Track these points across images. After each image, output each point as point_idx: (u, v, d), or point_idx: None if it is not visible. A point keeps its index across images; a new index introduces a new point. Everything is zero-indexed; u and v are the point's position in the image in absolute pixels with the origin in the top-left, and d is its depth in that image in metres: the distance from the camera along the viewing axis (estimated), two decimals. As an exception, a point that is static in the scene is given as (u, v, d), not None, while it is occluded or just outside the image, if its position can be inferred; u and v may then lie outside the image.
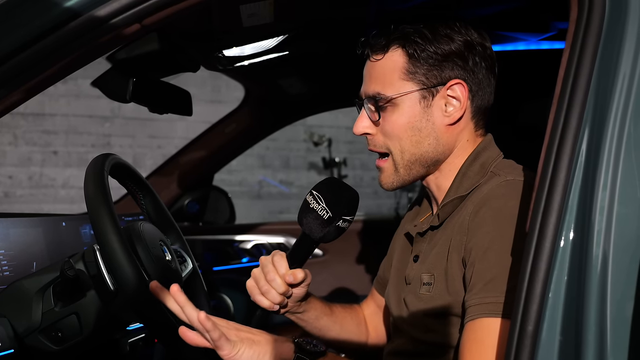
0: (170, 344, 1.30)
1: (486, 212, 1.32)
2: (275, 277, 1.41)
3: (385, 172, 1.50)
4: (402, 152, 1.46)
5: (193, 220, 2.99)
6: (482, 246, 1.29)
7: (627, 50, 1.05)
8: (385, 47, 1.46)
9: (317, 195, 1.40)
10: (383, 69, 1.46)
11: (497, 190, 1.35)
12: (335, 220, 1.38)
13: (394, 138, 1.46)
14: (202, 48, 1.98)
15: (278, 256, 1.44)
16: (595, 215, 1.01)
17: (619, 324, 0.98)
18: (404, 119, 1.45)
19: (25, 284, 1.36)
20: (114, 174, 1.43)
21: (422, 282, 1.45)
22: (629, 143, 1.02)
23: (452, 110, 1.45)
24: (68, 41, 1.19)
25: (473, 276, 1.28)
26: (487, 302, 1.23)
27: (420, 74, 1.43)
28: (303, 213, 1.41)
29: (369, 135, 1.51)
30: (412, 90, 1.44)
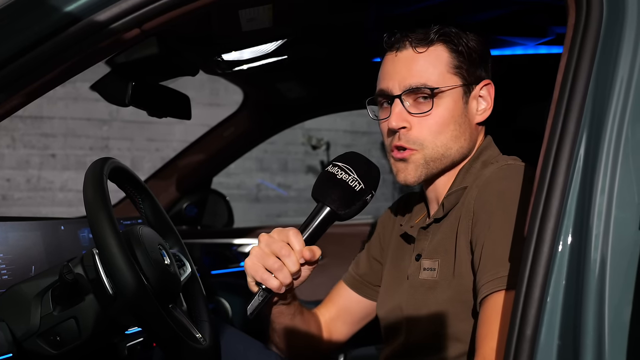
0: (169, 348, 1.30)
1: (489, 193, 1.34)
2: (290, 253, 1.31)
3: (412, 164, 1.46)
4: (438, 145, 1.44)
5: (191, 224, 2.99)
6: (488, 226, 1.30)
7: (624, 55, 1.06)
8: (430, 40, 1.44)
9: (344, 166, 1.33)
10: (428, 62, 1.44)
11: (499, 173, 1.37)
12: (365, 192, 1.33)
13: (433, 132, 1.44)
14: (201, 52, 1.98)
15: (293, 231, 1.33)
16: (593, 219, 1.01)
17: (617, 329, 0.99)
18: (449, 112, 1.44)
19: (23, 287, 1.36)
20: (113, 177, 1.43)
21: (422, 267, 1.45)
22: (626, 147, 1.03)
23: (482, 110, 1.49)
24: (68, 46, 1.19)
25: (482, 255, 1.28)
26: (501, 276, 1.22)
27: (464, 69, 1.45)
28: (327, 185, 1.34)
29: (403, 130, 1.45)
30: (458, 85, 1.45)
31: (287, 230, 1.34)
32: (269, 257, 1.32)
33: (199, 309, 1.56)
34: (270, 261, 1.31)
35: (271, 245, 1.33)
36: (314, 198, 1.36)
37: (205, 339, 1.45)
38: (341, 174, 1.33)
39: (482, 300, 1.26)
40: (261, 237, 1.36)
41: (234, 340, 1.83)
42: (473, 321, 1.35)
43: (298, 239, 1.32)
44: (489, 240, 1.29)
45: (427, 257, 1.46)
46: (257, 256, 1.33)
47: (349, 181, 1.32)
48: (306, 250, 1.31)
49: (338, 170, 1.33)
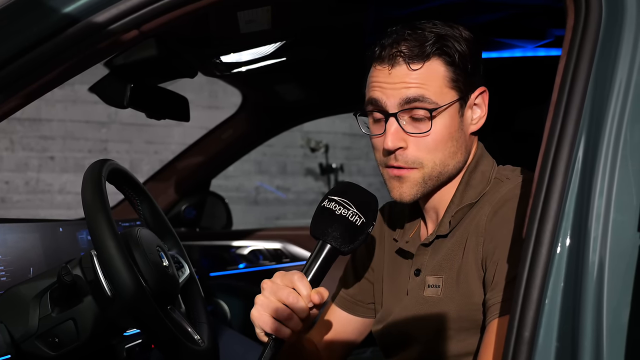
0: (167, 350, 1.30)
1: (506, 212, 1.31)
2: (298, 299, 1.20)
3: (408, 182, 1.40)
4: (437, 164, 1.39)
5: (190, 226, 2.99)
6: (505, 245, 1.26)
7: (623, 57, 1.06)
8: (426, 55, 1.36)
9: (342, 200, 1.27)
10: (425, 78, 1.36)
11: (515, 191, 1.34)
12: (367, 226, 1.27)
13: (432, 151, 1.38)
14: (200, 54, 1.98)
15: (298, 275, 1.23)
16: (592, 222, 1.01)
17: (615, 331, 0.98)
18: (446, 130, 1.38)
19: (22, 289, 1.36)
20: (112, 179, 1.43)
21: (427, 284, 1.41)
22: (625, 150, 1.03)
23: (477, 118, 1.43)
24: (66, 47, 1.19)
25: (496, 274, 1.26)
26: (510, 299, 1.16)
27: (460, 81, 1.38)
28: (326, 223, 1.26)
29: (399, 150, 1.38)
30: (455, 100, 1.38)
31: (290, 274, 1.24)
32: (277, 306, 1.22)
33: (197, 311, 1.56)
34: (280, 310, 1.21)
35: (277, 293, 1.22)
36: (313, 236, 1.28)
37: (204, 340, 1.45)
38: (340, 209, 1.27)
39: (490, 321, 1.25)
40: (264, 284, 1.25)
41: (232, 343, 1.83)
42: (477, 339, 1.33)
43: (304, 283, 1.22)
44: (503, 261, 1.25)
45: (431, 273, 1.42)
46: (264, 306, 1.23)
47: (349, 216, 1.26)
48: (314, 294, 1.22)
49: (335, 205, 1.27)
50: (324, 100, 2.81)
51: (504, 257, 1.26)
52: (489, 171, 1.45)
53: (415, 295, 1.45)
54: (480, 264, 1.33)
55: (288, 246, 2.95)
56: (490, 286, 1.28)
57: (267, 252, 2.94)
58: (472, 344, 1.35)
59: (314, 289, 1.22)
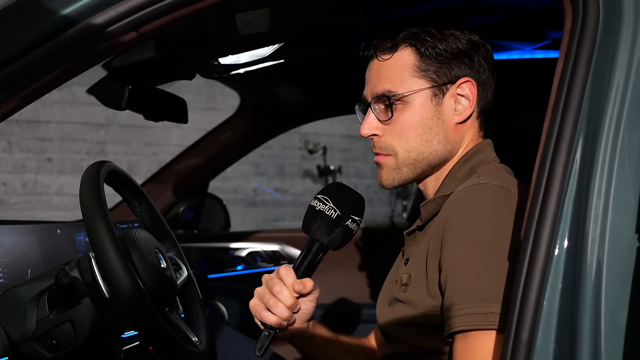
0: (165, 352, 1.29)
1: (457, 217, 1.31)
2: (282, 288, 1.36)
3: (385, 168, 1.48)
4: (409, 151, 1.45)
5: (188, 228, 2.99)
6: (454, 255, 1.27)
7: (620, 59, 1.06)
8: (394, 46, 1.45)
9: (322, 197, 1.39)
10: (392, 68, 1.45)
11: (469, 193, 1.33)
12: (343, 219, 1.37)
13: (403, 137, 1.45)
14: (198, 56, 1.98)
15: (284, 267, 1.39)
16: (590, 223, 1.01)
17: (613, 332, 0.99)
18: (416, 117, 1.44)
19: (19, 291, 1.36)
20: (110, 181, 1.43)
21: (401, 282, 1.44)
22: (622, 152, 1.03)
23: (462, 109, 1.45)
24: (65, 49, 1.19)
25: (447, 285, 1.26)
26: (463, 315, 1.19)
27: (431, 71, 1.43)
28: (309, 219, 1.39)
29: (375, 137, 1.48)
30: (424, 88, 1.43)
31: (279, 267, 1.40)
32: (265, 295, 1.38)
33: (195, 313, 1.56)
34: (266, 298, 1.37)
35: (268, 283, 1.39)
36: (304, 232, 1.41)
37: (202, 342, 1.45)
38: (319, 205, 1.38)
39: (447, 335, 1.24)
40: (263, 278, 1.42)
41: (232, 342, 1.84)
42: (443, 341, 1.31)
43: (288, 273, 1.38)
44: (453, 271, 1.25)
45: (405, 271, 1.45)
46: (257, 295, 1.40)
47: (325, 210, 1.37)
48: (296, 284, 1.36)
49: (317, 202, 1.39)
50: (322, 102, 2.81)
51: (454, 268, 1.25)
52: (479, 166, 1.45)
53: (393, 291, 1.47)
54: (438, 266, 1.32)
55: (286, 248, 2.95)
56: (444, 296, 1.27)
57: (265, 254, 2.94)
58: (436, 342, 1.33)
59: (298, 280, 1.37)
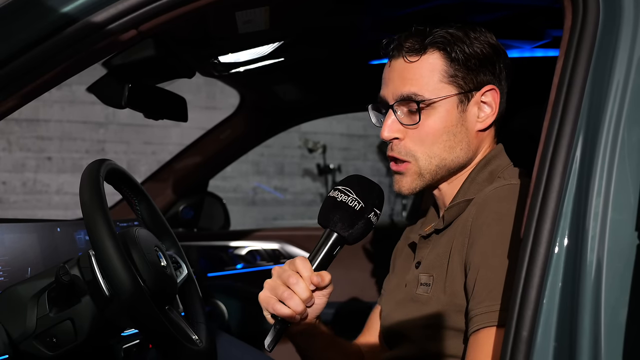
0: (165, 350, 1.30)
1: (488, 215, 1.31)
2: (298, 280, 1.30)
3: (407, 176, 1.44)
4: (431, 157, 1.42)
5: (188, 226, 2.99)
6: (485, 251, 1.27)
7: (620, 58, 1.06)
8: (422, 48, 1.41)
9: (344, 189, 1.34)
10: (420, 71, 1.41)
11: (499, 193, 1.34)
12: (367, 211, 1.33)
13: (425, 143, 1.41)
14: (198, 54, 1.98)
15: (300, 259, 1.33)
16: (590, 221, 1.01)
17: (613, 330, 0.99)
18: (441, 123, 1.41)
19: (19, 289, 1.36)
20: (110, 179, 1.43)
21: (420, 282, 1.43)
22: (622, 150, 1.03)
23: (484, 116, 1.44)
24: (65, 47, 1.19)
25: (477, 283, 1.26)
26: (494, 310, 1.20)
27: (459, 77, 1.41)
28: (328, 210, 1.34)
29: (395, 140, 1.44)
30: (452, 94, 1.41)
31: (295, 259, 1.34)
32: (279, 286, 1.31)
33: (195, 311, 1.56)
34: (280, 290, 1.31)
35: (281, 275, 1.33)
36: (320, 224, 1.36)
37: (202, 340, 1.45)
38: (341, 196, 1.34)
39: (473, 332, 1.24)
40: (273, 270, 1.36)
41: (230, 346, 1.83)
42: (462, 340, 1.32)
43: (305, 265, 1.32)
44: (484, 268, 1.26)
45: (424, 271, 1.44)
46: (269, 287, 1.34)
47: (348, 202, 1.32)
48: (314, 276, 1.31)
49: (338, 193, 1.34)
50: (321, 100, 2.81)
51: (484, 265, 1.26)
52: (499, 171, 1.45)
53: (409, 292, 1.46)
54: (464, 266, 1.33)
55: (286, 246, 2.95)
56: (471, 294, 1.28)
57: (264, 253, 2.94)
58: (456, 345, 1.34)
59: (316, 272, 1.32)
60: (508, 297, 1.17)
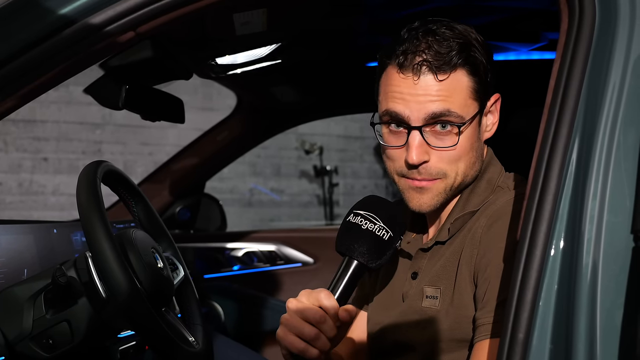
0: (162, 351, 1.30)
1: (500, 227, 1.28)
2: (325, 318, 1.18)
3: (430, 193, 1.36)
4: (457, 174, 1.35)
5: (184, 228, 2.99)
6: (498, 263, 1.24)
7: (616, 61, 1.06)
8: (453, 65, 1.29)
9: (367, 214, 1.24)
10: (450, 90, 1.30)
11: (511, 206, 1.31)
12: (395, 240, 1.25)
13: (455, 162, 1.34)
14: (195, 56, 1.98)
15: (325, 293, 1.21)
16: (586, 224, 1.02)
17: (609, 333, 0.99)
18: (468, 141, 1.34)
19: (16, 290, 1.35)
20: (107, 181, 1.43)
21: (425, 295, 1.39)
22: (618, 153, 1.03)
23: (490, 125, 1.41)
24: (63, 48, 1.19)
25: (487, 293, 1.24)
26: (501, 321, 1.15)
27: (482, 92, 1.34)
28: (352, 238, 1.24)
29: (424, 164, 1.33)
30: (478, 110, 1.34)
31: (317, 292, 1.22)
32: (303, 326, 1.20)
33: (192, 313, 1.56)
34: (306, 330, 1.19)
35: (303, 312, 1.20)
36: (339, 252, 1.26)
37: (199, 342, 1.45)
38: (366, 223, 1.24)
39: (479, 341, 1.23)
40: (289, 303, 1.23)
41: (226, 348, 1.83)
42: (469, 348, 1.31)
43: (331, 301, 1.20)
44: (497, 279, 1.23)
45: (429, 283, 1.39)
46: (290, 326, 1.21)
47: (375, 230, 1.23)
48: (342, 312, 1.20)
49: (362, 219, 1.24)
50: (318, 102, 2.82)
51: (496, 275, 1.24)
52: (495, 179, 1.43)
53: (413, 304, 1.42)
54: (473, 277, 1.31)
55: (282, 248, 2.95)
56: (480, 303, 1.26)
57: (261, 254, 2.94)
58: (463, 355, 1.33)
59: (341, 307, 1.21)
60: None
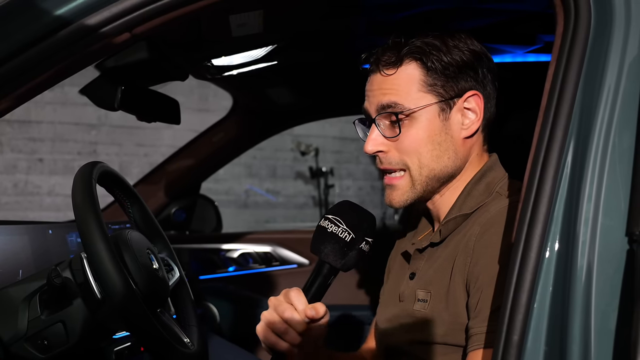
0: (157, 352, 1.29)
1: (493, 235, 1.30)
2: (293, 314, 1.28)
3: (399, 189, 1.44)
4: (421, 167, 1.41)
5: (180, 229, 2.99)
6: (490, 271, 1.26)
7: (612, 63, 1.07)
8: (398, 61, 1.41)
9: (334, 218, 1.33)
10: (397, 82, 1.41)
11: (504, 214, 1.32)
12: (357, 242, 1.32)
13: (412, 153, 1.41)
14: (191, 57, 1.98)
15: (295, 291, 1.30)
16: (580, 226, 1.02)
17: (603, 335, 0.99)
18: (423, 132, 1.40)
19: (11, 291, 1.35)
20: (102, 181, 1.42)
21: (417, 298, 1.42)
22: (613, 155, 1.03)
23: (469, 123, 1.43)
24: (58, 49, 1.19)
25: (480, 301, 1.26)
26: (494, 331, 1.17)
27: (439, 85, 1.40)
28: (320, 240, 1.33)
29: (380, 153, 1.44)
30: (432, 103, 1.40)
31: (290, 290, 1.31)
32: (275, 320, 1.30)
33: (187, 314, 1.56)
34: (277, 324, 1.29)
35: (277, 308, 1.30)
36: (313, 253, 1.35)
37: (194, 343, 1.45)
38: (331, 226, 1.33)
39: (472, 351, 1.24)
40: (269, 301, 1.34)
41: (221, 349, 1.83)
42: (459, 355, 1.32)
43: (300, 298, 1.29)
44: (489, 288, 1.25)
45: (422, 287, 1.42)
46: (266, 321, 1.32)
47: (338, 233, 1.31)
48: (309, 309, 1.28)
49: (328, 223, 1.33)
50: (314, 104, 2.82)
51: (489, 284, 1.25)
52: (495, 183, 1.44)
53: (406, 306, 1.45)
54: (465, 286, 1.32)
55: (278, 249, 2.95)
56: (473, 312, 1.28)
57: (256, 256, 2.94)
58: (455, 359, 1.34)
59: (310, 304, 1.28)
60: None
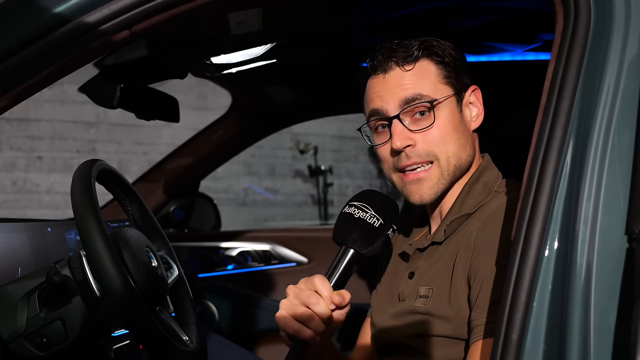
0: (155, 350, 1.29)
1: (494, 230, 1.31)
2: (319, 300, 1.26)
3: (428, 181, 1.42)
4: (449, 156, 1.42)
5: (179, 227, 2.99)
6: (490, 265, 1.27)
7: (611, 62, 1.06)
8: (415, 57, 1.43)
9: (360, 205, 1.32)
10: (418, 77, 1.42)
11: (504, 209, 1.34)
12: (386, 227, 1.31)
13: (440, 143, 1.41)
14: (190, 55, 1.98)
15: (319, 278, 1.28)
16: (580, 225, 1.02)
17: (603, 333, 0.99)
18: (449, 122, 1.42)
19: (10, 289, 1.35)
20: (101, 179, 1.43)
21: (419, 294, 1.43)
22: (613, 154, 1.03)
23: (475, 116, 1.48)
24: (57, 47, 1.19)
25: (480, 294, 1.27)
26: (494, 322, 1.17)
27: (453, 78, 1.44)
28: (346, 227, 1.32)
29: (408, 148, 1.41)
30: (451, 94, 1.43)
31: (313, 277, 1.30)
32: (298, 307, 1.27)
33: (186, 312, 1.56)
34: (300, 311, 1.27)
35: (299, 296, 1.28)
36: (336, 241, 1.33)
37: (192, 341, 1.45)
38: (358, 212, 1.31)
39: (474, 342, 1.25)
40: (289, 289, 1.31)
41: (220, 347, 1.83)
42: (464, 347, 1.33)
43: (325, 285, 1.28)
44: (489, 281, 1.26)
45: (423, 283, 1.43)
46: (287, 308, 1.29)
47: (366, 218, 1.30)
48: (335, 295, 1.27)
49: (354, 209, 1.32)
50: (313, 102, 2.82)
51: (489, 277, 1.27)
52: (492, 182, 1.47)
53: (407, 304, 1.45)
54: (467, 279, 1.34)
55: (277, 248, 2.95)
56: (474, 304, 1.29)
57: (255, 254, 2.94)
58: (458, 352, 1.35)
59: (335, 291, 1.27)
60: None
